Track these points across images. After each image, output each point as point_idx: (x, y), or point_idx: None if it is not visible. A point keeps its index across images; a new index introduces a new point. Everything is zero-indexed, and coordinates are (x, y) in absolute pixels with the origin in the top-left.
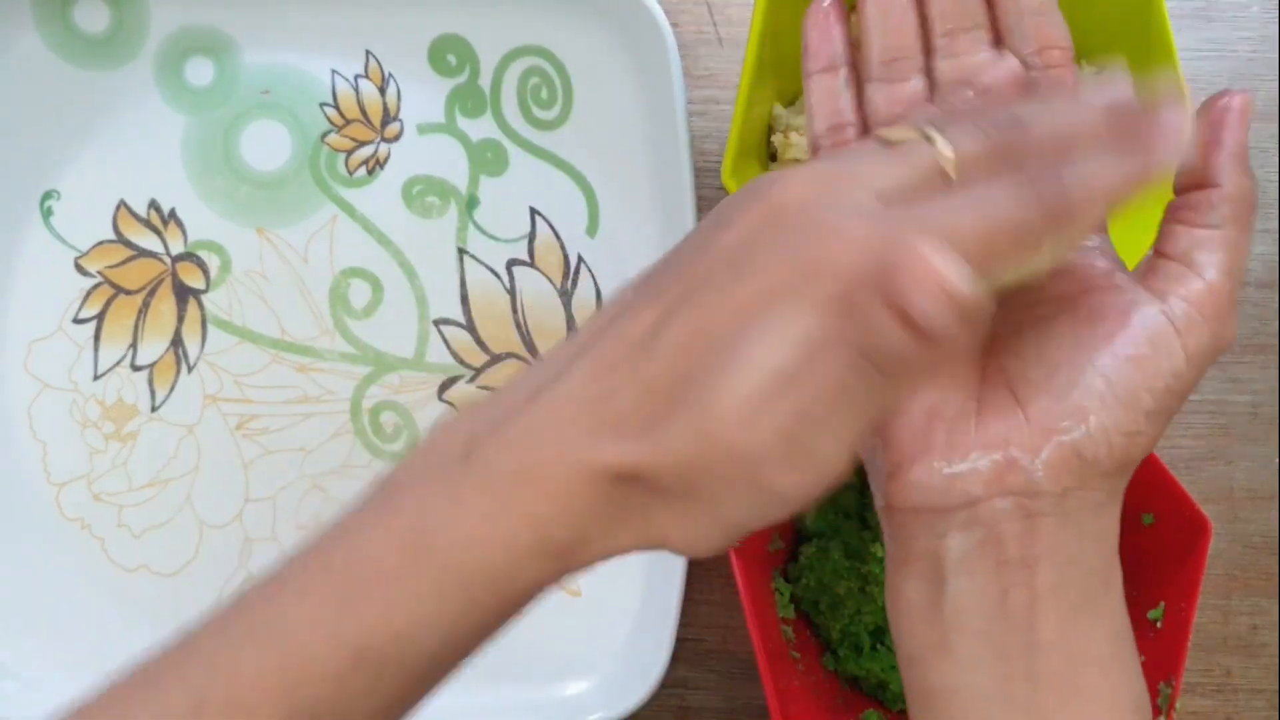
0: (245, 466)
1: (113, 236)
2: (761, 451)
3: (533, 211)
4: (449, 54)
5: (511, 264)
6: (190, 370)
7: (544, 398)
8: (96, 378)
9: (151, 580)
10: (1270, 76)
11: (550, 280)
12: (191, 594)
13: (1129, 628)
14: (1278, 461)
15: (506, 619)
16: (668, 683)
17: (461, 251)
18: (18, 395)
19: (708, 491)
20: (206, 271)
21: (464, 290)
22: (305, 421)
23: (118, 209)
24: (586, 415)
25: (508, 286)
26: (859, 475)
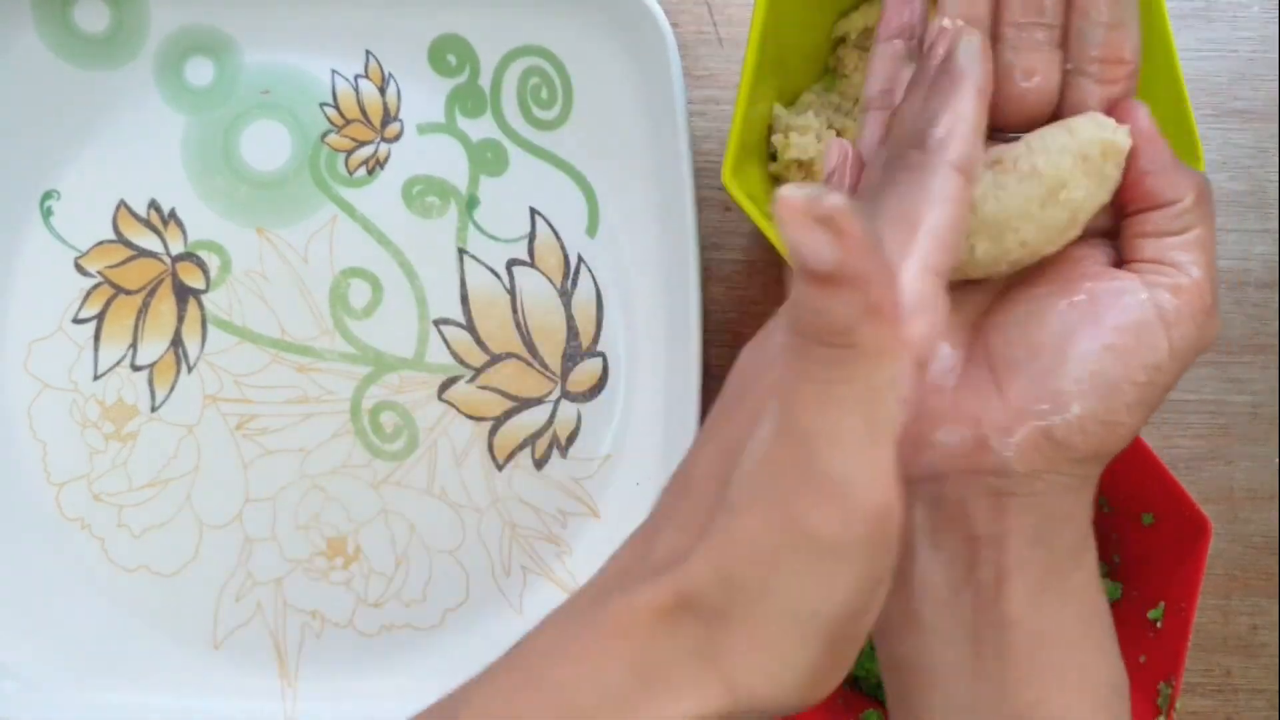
0: (245, 466)
1: (113, 236)
2: (783, 494)
3: (533, 211)
4: (449, 54)
5: (511, 264)
6: (190, 370)
7: (600, 572)
8: (96, 378)
9: (152, 580)
10: (1270, 76)
11: (550, 280)
12: (192, 594)
13: (1105, 609)
14: (1278, 461)
15: None
16: None
17: (461, 251)
18: (18, 395)
19: (760, 582)
20: (206, 271)
21: (464, 290)
22: (305, 422)
23: (118, 209)
24: (623, 578)
25: (508, 286)
26: None
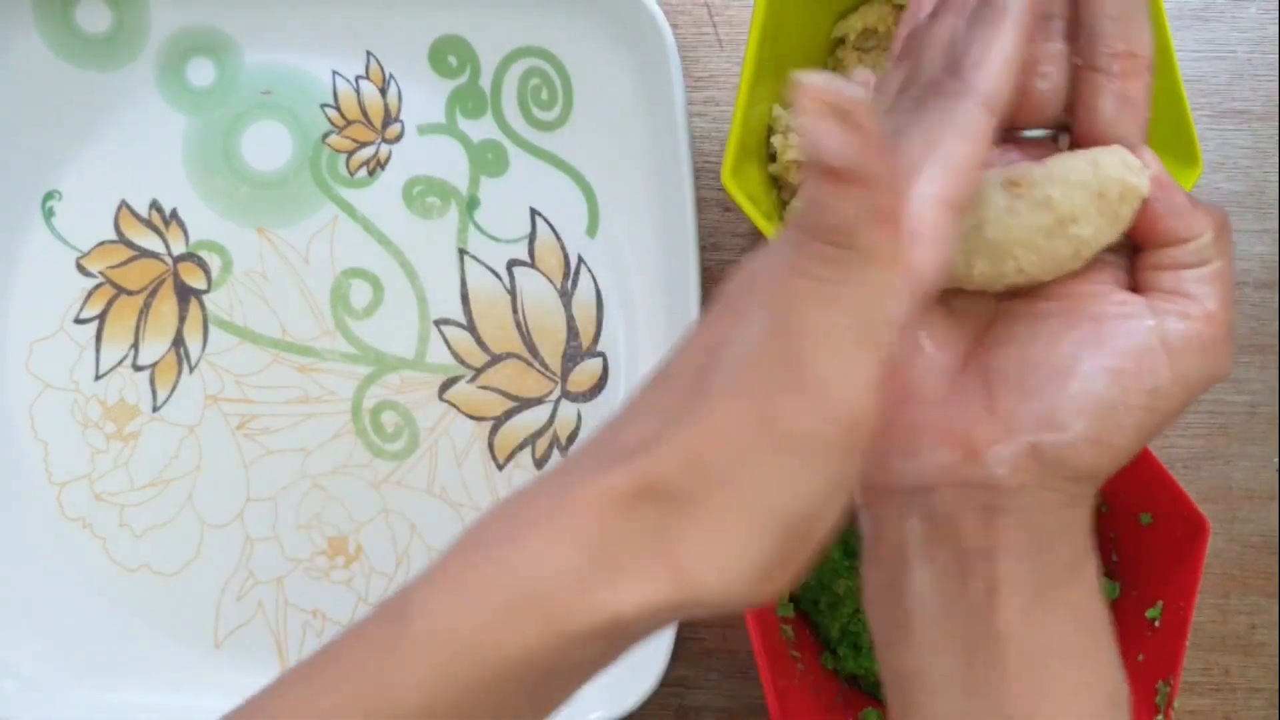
0: (246, 466)
1: (114, 237)
2: (765, 391)
3: (533, 212)
4: (450, 55)
5: (512, 264)
6: (191, 370)
7: (554, 472)
8: (98, 378)
9: (153, 580)
10: (1269, 77)
11: (550, 280)
12: (193, 593)
13: (1103, 620)
14: (1276, 461)
15: (512, 708)
16: (667, 681)
17: (462, 252)
18: (19, 395)
19: (726, 472)
20: (208, 272)
21: (464, 290)
22: (306, 421)
23: (119, 209)
24: (595, 459)
25: (508, 287)
26: None
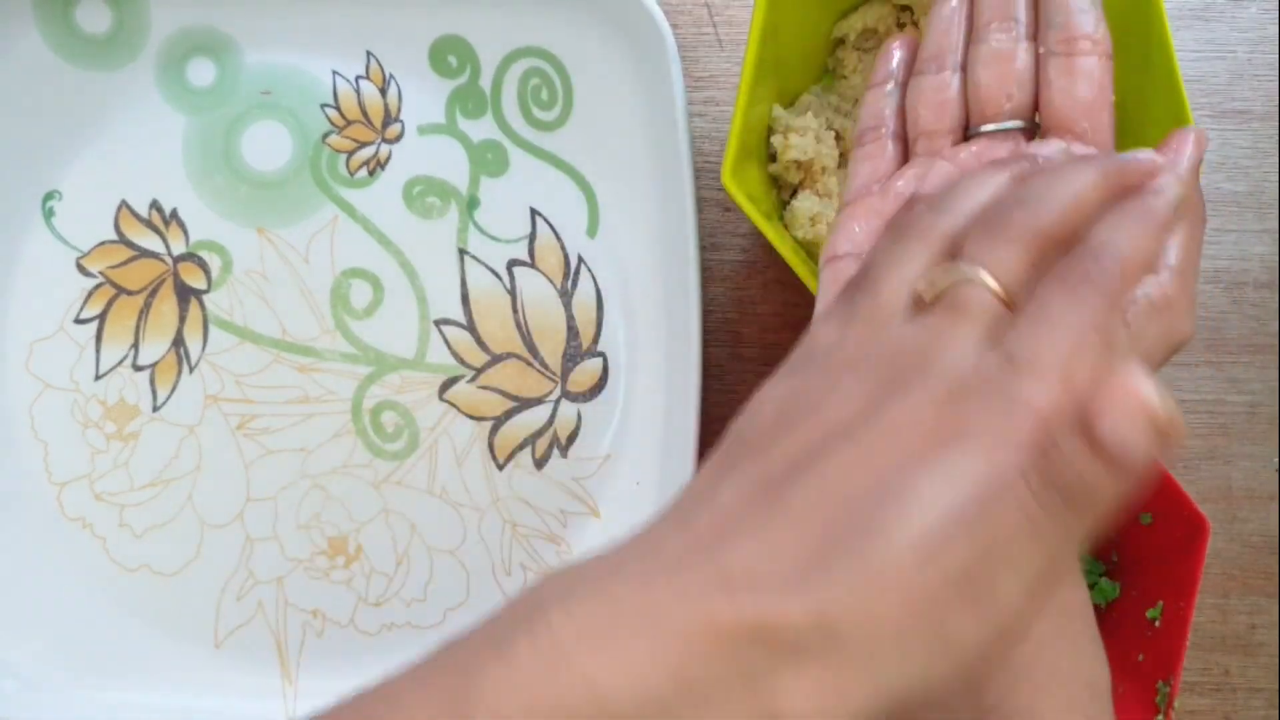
0: (246, 466)
1: (114, 237)
2: (940, 593)
3: (533, 212)
4: (450, 55)
5: (512, 264)
6: (191, 370)
7: (631, 565)
8: (98, 378)
9: (153, 580)
10: (1269, 77)
11: (550, 281)
12: (193, 593)
13: (1084, 608)
14: (1276, 461)
15: None
16: None
17: (462, 252)
18: (19, 395)
19: (862, 647)
20: (208, 272)
21: (464, 290)
22: (306, 421)
23: (119, 209)
24: (685, 574)
25: (508, 287)
26: None
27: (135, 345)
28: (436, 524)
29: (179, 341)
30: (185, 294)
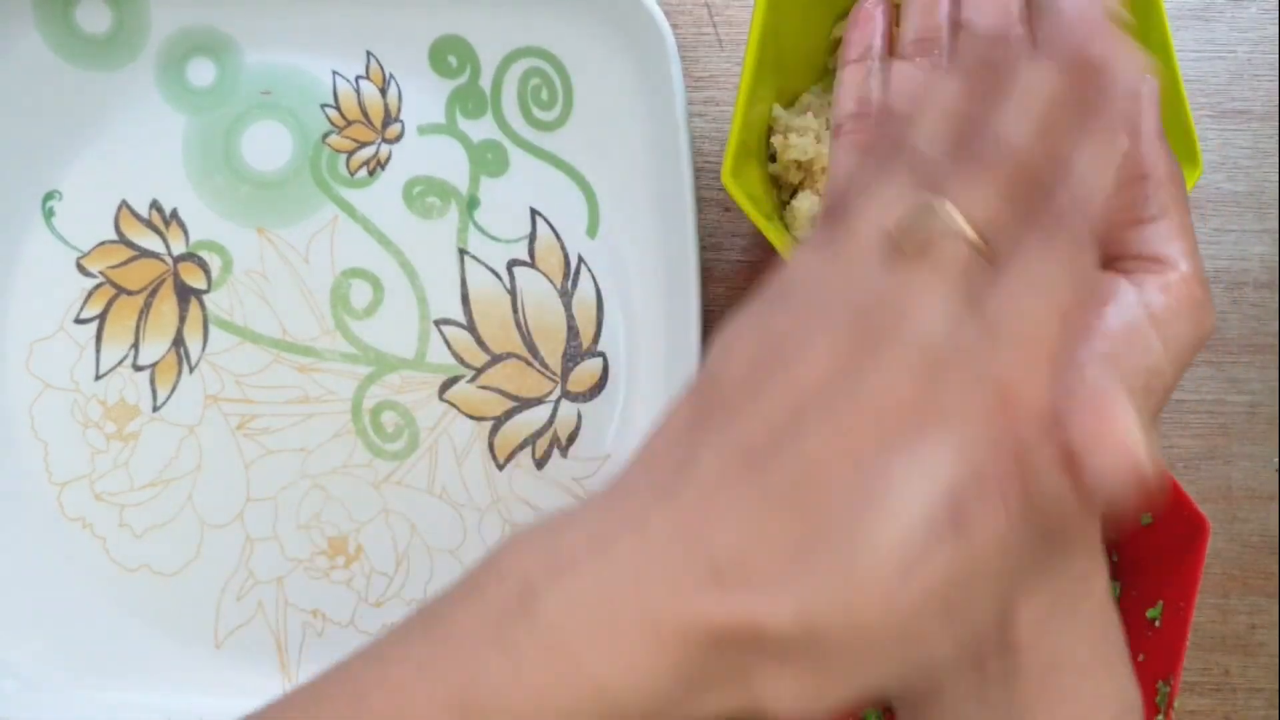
0: (246, 466)
1: (114, 237)
2: (921, 608)
3: (533, 212)
4: (450, 55)
5: (512, 264)
6: (192, 370)
7: (617, 543)
8: (98, 378)
9: (153, 580)
10: (1269, 77)
11: (551, 281)
12: (193, 594)
13: (1117, 631)
14: (1276, 461)
15: None
16: None
17: (462, 252)
18: (19, 395)
19: (842, 654)
20: (208, 272)
21: (465, 290)
22: (306, 421)
23: (119, 209)
24: (676, 564)
25: (508, 287)
26: None
27: (135, 345)
28: (437, 524)
29: (179, 341)
30: (185, 294)
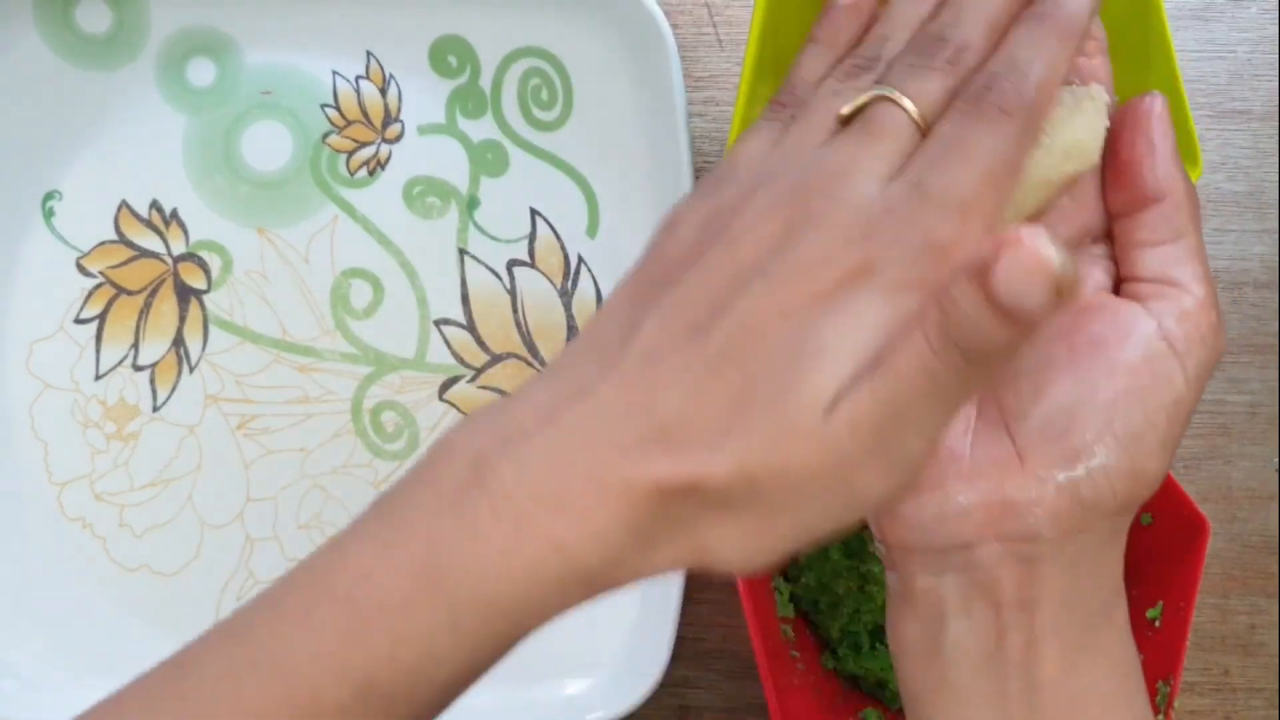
0: (246, 466)
1: (114, 237)
2: (850, 447)
3: (533, 212)
4: (450, 55)
5: (512, 264)
6: (192, 370)
7: (566, 412)
8: (98, 378)
9: (153, 580)
10: (1269, 77)
11: (550, 281)
12: (193, 594)
13: (1135, 661)
14: (1276, 461)
15: (522, 639)
16: (668, 682)
17: (462, 252)
18: (19, 395)
19: (781, 499)
20: (208, 272)
21: (465, 290)
22: (306, 421)
23: (119, 209)
24: (622, 427)
25: (508, 287)
26: None
27: (135, 345)
28: None
29: (179, 341)
30: (185, 294)
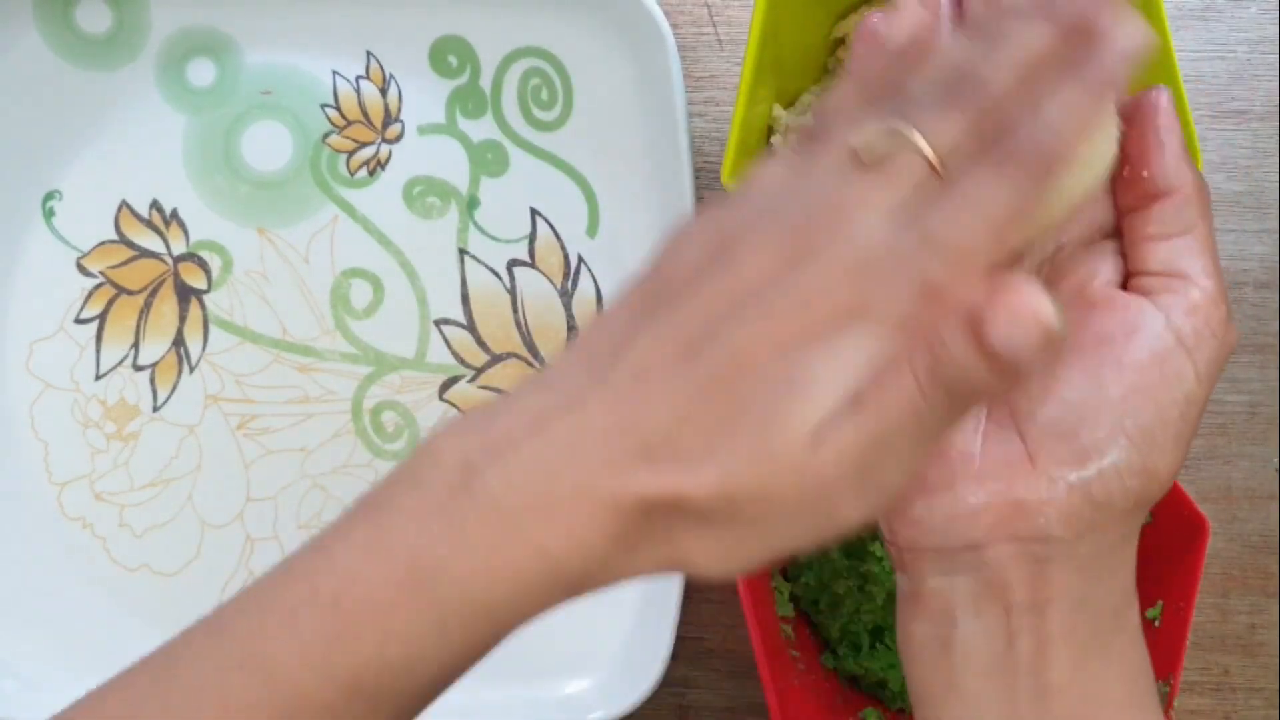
0: (246, 466)
1: (114, 237)
2: (831, 477)
3: (533, 212)
4: (450, 55)
5: (512, 264)
6: (192, 370)
7: (555, 423)
8: (98, 378)
9: (153, 580)
10: (1269, 77)
11: (550, 280)
12: (193, 593)
13: (1147, 665)
14: (1276, 461)
15: (504, 637)
16: (668, 681)
17: (462, 252)
18: (19, 395)
19: (758, 518)
20: (208, 271)
21: (465, 290)
22: (306, 421)
23: (119, 209)
24: (611, 440)
25: (508, 287)
26: None
27: (135, 345)
28: None
29: (179, 341)
30: (185, 294)
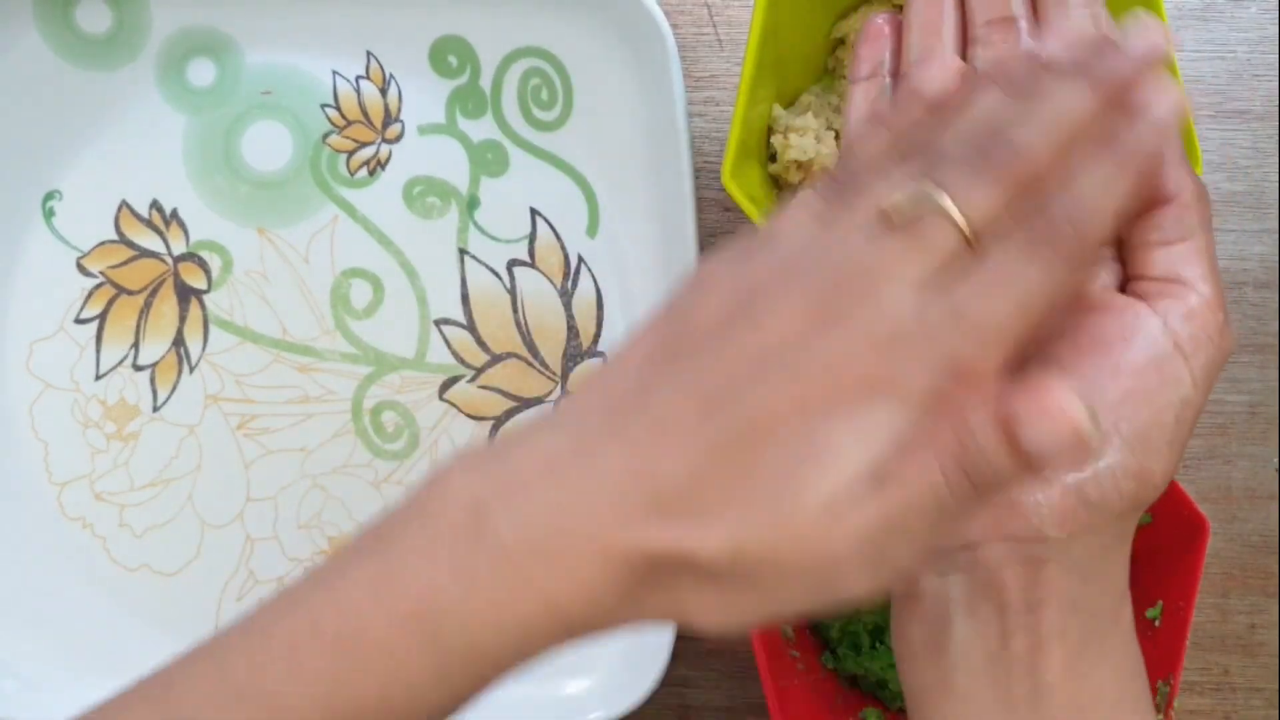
0: (246, 466)
1: (114, 237)
2: (842, 551)
3: (533, 212)
4: (450, 55)
5: (512, 264)
6: (192, 370)
7: (569, 469)
8: (98, 378)
9: (153, 580)
10: (1268, 77)
11: (551, 280)
12: (193, 593)
13: (1140, 665)
14: (1276, 461)
15: (502, 679)
16: (668, 681)
17: (462, 252)
18: (19, 395)
19: (763, 582)
20: (208, 271)
21: (465, 290)
22: (306, 421)
23: (119, 209)
24: (624, 491)
25: (508, 287)
26: None
27: (135, 345)
28: None
29: (179, 341)
30: (185, 294)
